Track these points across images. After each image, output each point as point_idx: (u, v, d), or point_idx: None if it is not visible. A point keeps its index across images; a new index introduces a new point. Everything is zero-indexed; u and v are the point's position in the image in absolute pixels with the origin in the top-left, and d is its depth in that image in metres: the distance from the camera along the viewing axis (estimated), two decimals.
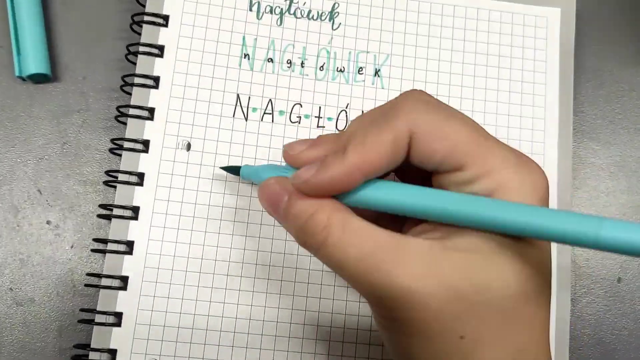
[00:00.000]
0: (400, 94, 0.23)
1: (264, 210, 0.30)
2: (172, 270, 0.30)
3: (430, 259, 0.21)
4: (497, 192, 0.21)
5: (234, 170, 0.29)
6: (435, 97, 0.24)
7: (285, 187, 0.24)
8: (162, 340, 0.29)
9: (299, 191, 0.23)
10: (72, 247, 0.31)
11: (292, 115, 0.32)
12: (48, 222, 0.31)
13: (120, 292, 0.29)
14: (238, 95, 0.32)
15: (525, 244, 0.21)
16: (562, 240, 0.19)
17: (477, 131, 0.22)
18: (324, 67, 0.33)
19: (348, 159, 0.22)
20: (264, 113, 0.32)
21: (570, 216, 0.19)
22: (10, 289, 0.30)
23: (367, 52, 0.33)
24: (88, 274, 0.30)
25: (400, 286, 0.21)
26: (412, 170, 0.24)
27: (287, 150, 0.25)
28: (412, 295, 0.21)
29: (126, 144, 0.30)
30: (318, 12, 0.33)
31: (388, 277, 0.21)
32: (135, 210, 0.30)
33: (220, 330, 0.29)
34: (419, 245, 0.21)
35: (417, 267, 0.21)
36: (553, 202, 0.32)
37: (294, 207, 0.23)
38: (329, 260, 0.22)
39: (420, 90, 0.24)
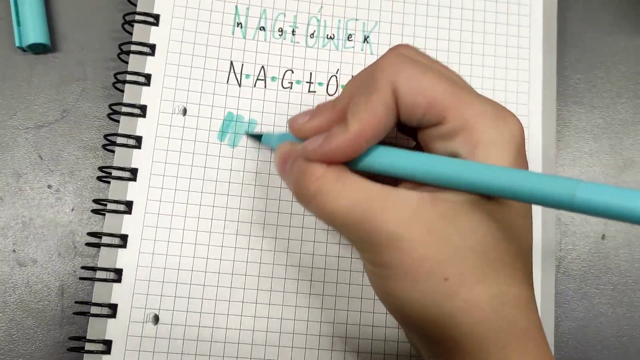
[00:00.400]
0: (386, 52, 0.25)
1: (257, 172, 0.31)
2: (170, 228, 0.31)
3: (418, 207, 0.22)
4: (477, 147, 0.22)
5: (256, 137, 0.32)
6: (419, 50, 0.25)
7: (295, 150, 0.26)
8: (161, 295, 0.30)
9: (305, 158, 0.24)
10: (72, 210, 0.32)
11: (284, 81, 0.33)
12: (49, 187, 0.32)
13: (120, 250, 0.30)
14: (232, 62, 0.33)
15: (502, 203, 0.23)
16: (539, 202, 0.20)
17: (455, 84, 0.23)
18: (314, 34, 0.34)
19: (350, 129, 0.23)
20: (257, 79, 0.33)
21: (547, 179, 0.19)
22: (13, 250, 0.31)
23: (356, 19, 0.34)
24: (89, 233, 0.31)
25: (387, 231, 0.22)
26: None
27: (291, 123, 0.27)
28: (398, 240, 0.22)
29: (124, 109, 0.31)
30: None
31: (376, 224, 0.22)
32: (134, 172, 0.31)
33: (217, 286, 0.30)
34: (408, 195, 0.23)
35: (404, 214, 0.22)
36: (537, 163, 0.33)
37: (295, 164, 0.25)
38: (322, 210, 0.24)
39: (405, 45, 0.25)
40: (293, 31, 0.34)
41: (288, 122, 0.27)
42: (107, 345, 0.29)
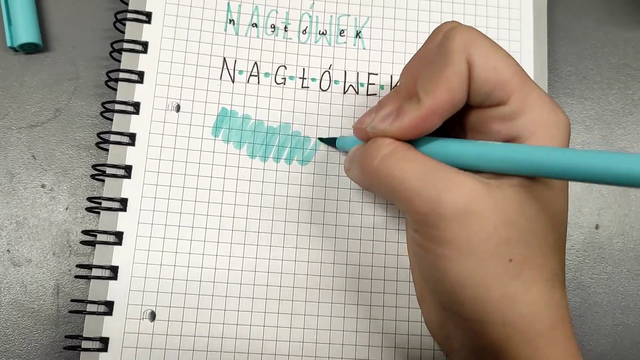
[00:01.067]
0: (447, 30, 0.24)
1: (252, 167, 0.31)
2: (166, 225, 0.30)
3: (486, 188, 0.22)
4: (539, 130, 0.23)
5: (329, 141, 0.32)
6: None
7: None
8: (157, 292, 0.30)
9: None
10: (66, 209, 0.32)
11: (277, 77, 0.33)
12: (43, 186, 0.32)
13: (116, 247, 0.30)
14: (224, 59, 0.33)
15: (564, 182, 0.24)
16: (617, 180, 0.19)
17: (519, 66, 0.24)
18: (307, 30, 0.34)
19: (424, 103, 0.23)
20: (250, 75, 0.33)
21: (618, 156, 0.19)
22: (8, 250, 0.31)
23: (348, 15, 0.34)
24: (83, 232, 0.30)
25: (457, 205, 0.22)
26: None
27: (358, 126, 0.26)
28: (469, 214, 0.22)
29: (117, 107, 0.31)
30: None
31: (447, 196, 0.22)
32: (128, 169, 0.31)
33: (214, 282, 0.30)
34: (475, 177, 0.23)
35: (474, 191, 0.22)
36: None
37: (370, 143, 0.25)
38: (390, 172, 0.23)
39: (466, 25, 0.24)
40: (285, 27, 0.34)
41: (354, 127, 0.27)
42: (104, 342, 0.29)
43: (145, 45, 0.32)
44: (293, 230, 0.31)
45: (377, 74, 0.33)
